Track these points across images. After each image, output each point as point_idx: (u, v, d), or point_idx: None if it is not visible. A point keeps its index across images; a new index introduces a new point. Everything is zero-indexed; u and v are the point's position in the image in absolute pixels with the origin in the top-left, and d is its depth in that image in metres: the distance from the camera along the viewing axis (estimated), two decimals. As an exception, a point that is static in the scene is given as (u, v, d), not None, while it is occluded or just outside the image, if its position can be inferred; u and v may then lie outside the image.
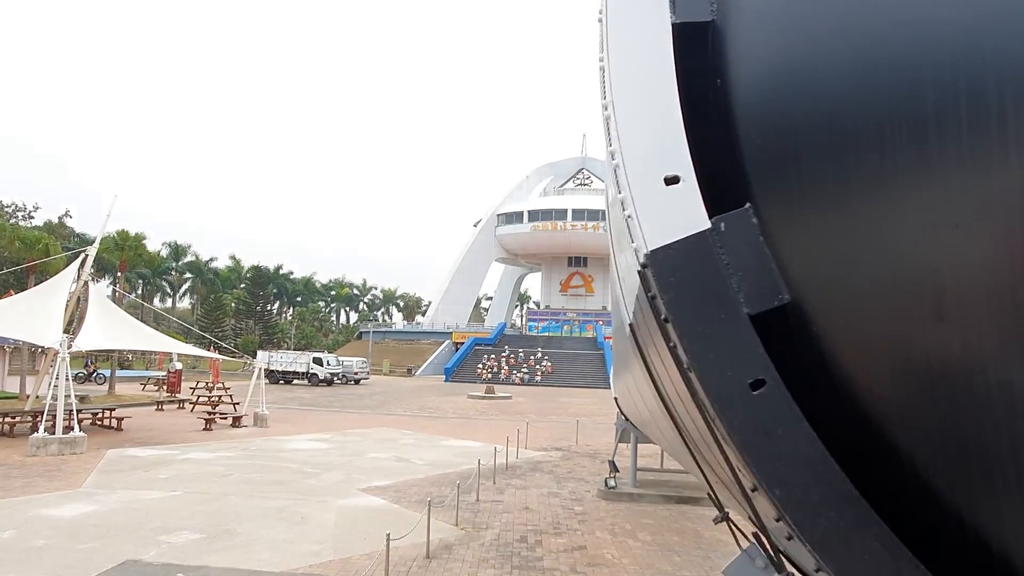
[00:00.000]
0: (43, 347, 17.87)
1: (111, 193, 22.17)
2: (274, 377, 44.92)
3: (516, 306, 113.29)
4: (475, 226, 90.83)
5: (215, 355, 28.59)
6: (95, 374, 43.20)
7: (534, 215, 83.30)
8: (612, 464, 14.93)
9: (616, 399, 14.95)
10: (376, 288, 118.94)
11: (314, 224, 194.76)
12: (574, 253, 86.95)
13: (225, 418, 23.24)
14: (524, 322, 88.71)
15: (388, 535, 8.54)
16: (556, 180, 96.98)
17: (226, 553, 9.27)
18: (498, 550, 9.94)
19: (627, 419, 13.81)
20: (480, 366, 56.31)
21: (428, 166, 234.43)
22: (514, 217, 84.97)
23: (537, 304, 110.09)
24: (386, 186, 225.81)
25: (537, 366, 56.95)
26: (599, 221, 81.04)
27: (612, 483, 13.74)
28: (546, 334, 71.44)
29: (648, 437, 13.85)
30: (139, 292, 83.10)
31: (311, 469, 15.63)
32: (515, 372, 55.06)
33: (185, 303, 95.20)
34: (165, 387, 35.22)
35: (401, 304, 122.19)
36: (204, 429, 21.69)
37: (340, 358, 50.02)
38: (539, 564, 9.34)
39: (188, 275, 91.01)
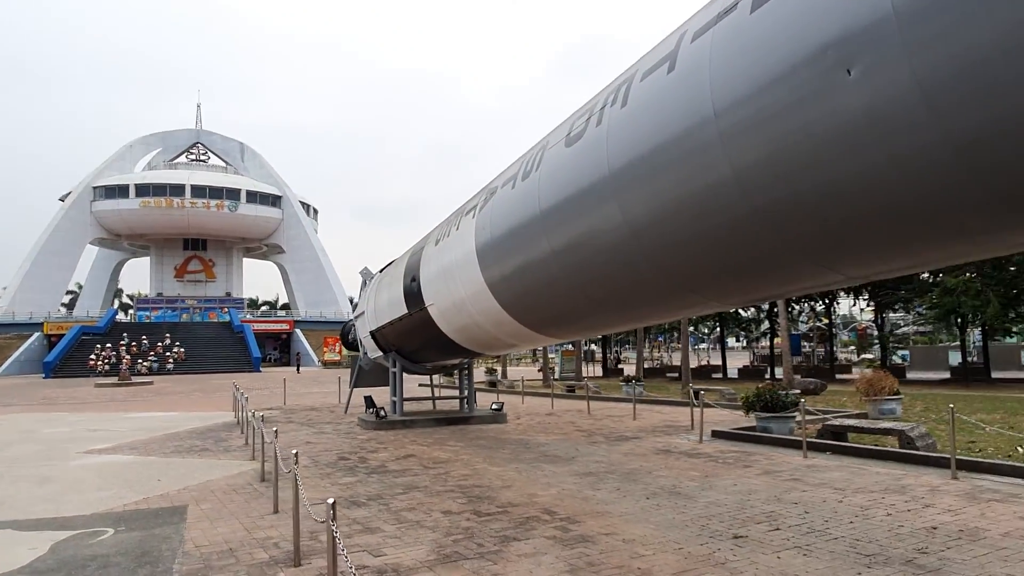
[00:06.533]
0: None
1: None
2: None
3: (114, 296, 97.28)
4: (62, 200, 75.79)
5: None
6: None
7: (143, 189, 72.96)
8: (369, 399, 14.71)
9: (366, 339, 14.76)
10: None
11: None
12: (192, 235, 78.83)
13: None
14: (133, 312, 77.05)
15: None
16: (166, 153, 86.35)
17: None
18: (331, 466, 9.27)
19: (400, 354, 13.57)
20: (92, 357, 47.37)
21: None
22: (117, 191, 73.21)
23: (132, 297, 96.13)
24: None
25: (167, 353, 50.34)
26: (222, 199, 74.99)
27: (383, 413, 13.55)
28: (163, 323, 63.35)
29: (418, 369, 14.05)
30: None
31: (-21, 449, 11.84)
32: (140, 361, 47.79)
33: None
34: None
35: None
36: None
37: None
38: (387, 469, 9.02)
39: None
